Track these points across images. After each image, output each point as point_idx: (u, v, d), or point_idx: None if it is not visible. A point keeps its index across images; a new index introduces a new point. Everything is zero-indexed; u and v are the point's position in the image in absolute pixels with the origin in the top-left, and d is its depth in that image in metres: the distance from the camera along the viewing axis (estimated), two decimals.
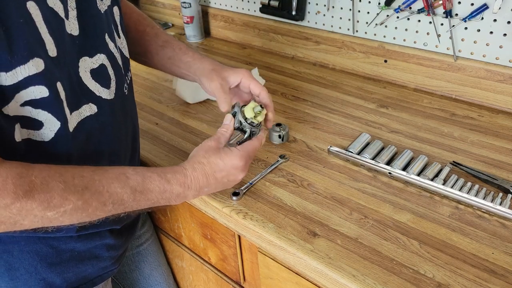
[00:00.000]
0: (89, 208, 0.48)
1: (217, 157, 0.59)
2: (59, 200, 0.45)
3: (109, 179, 0.50)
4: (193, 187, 0.57)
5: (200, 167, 0.58)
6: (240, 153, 0.60)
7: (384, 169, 0.68)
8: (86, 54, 0.53)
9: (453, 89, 0.92)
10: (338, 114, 0.88)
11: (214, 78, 0.68)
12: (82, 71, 0.53)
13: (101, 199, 0.49)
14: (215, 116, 0.90)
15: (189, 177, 0.57)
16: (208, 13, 1.35)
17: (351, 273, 0.52)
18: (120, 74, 0.61)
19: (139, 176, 0.53)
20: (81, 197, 0.47)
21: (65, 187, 0.46)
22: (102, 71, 0.56)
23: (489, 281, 0.51)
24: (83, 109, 0.53)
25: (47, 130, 0.49)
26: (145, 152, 0.78)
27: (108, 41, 0.58)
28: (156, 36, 0.76)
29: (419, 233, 0.58)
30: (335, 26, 1.07)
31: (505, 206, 0.59)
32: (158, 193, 0.54)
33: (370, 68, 1.03)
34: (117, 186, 0.51)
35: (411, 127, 0.82)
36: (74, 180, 0.47)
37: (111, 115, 0.58)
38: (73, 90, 0.51)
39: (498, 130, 0.80)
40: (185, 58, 0.74)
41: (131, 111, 0.67)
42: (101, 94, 0.56)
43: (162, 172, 0.56)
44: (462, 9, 0.85)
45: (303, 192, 0.66)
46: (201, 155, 0.59)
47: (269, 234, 0.59)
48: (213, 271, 0.85)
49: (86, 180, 0.48)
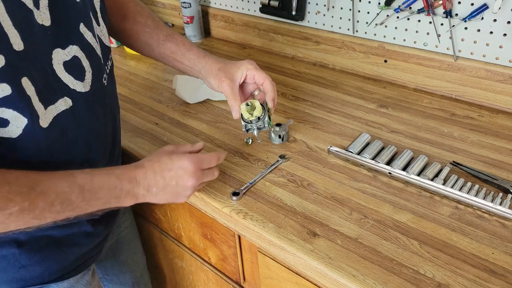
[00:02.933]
0: (36, 209, 0.47)
1: (167, 157, 0.60)
2: (4, 202, 0.44)
3: (55, 179, 0.49)
4: (141, 184, 0.57)
5: (149, 164, 0.58)
6: (191, 157, 0.60)
7: (384, 169, 0.68)
8: (59, 45, 0.52)
9: (453, 89, 0.92)
10: (338, 114, 0.88)
11: (223, 78, 0.69)
12: (56, 64, 0.51)
13: (47, 199, 0.48)
14: (215, 116, 0.90)
15: (138, 173, 0.57)
16: (208, 13, 1.35)
17: (351, 273, 0.52)
18: (98, 64, 0.59)
19: (87, 175, 0.52)
20: (27, 197, 0.46)
21: (10, 189, 0.45)
22: (75, 63, 0.54)
23: (489, 281, 0.51)
24: (59, 103, 0.52)
25: (14, 127, 0.47)
26: (145, 152, 0.78)
27: (83, 31, 0.56)
28: (157, 29, 0.76)
29: (419, 233, 0.58)
30: (335, 26, 1.07)
31: (505, 206, 0.59)
32: (108, 190, 0.53)
33: (370, 68, 1.03)
34: (64, 185, 0.49)
35: (411, 127, 0.82)
36: (18, 180, 0.46)
37: (87, 108, 0.57)
38: (47, 84, 0.50)
39: (498, 130, 0.80)
40: (189, 55, 0.74)
41: (111, 103, 0.65)
42: (75, 87, 0.54)
43: (111, 169, 0.56)
44: (462, 9, 0.85)
45: (303, 192, 0.66)
46: (153, 155, 0.61)
47: (269, 234, 0.59)
48: (213, 271, 0.85)
49: (31, 180, 0.47)
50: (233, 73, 0.70)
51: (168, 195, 0.60)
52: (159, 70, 1.14)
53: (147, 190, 0.57)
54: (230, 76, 0.70)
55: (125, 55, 1.25)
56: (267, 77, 0.70)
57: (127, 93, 1.02)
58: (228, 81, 0.69)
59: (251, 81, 0.72)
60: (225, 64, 0.72)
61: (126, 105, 0.96)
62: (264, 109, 0.70)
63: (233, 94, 0.69)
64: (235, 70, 0.70)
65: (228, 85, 0.69)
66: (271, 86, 0.70)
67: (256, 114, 0.69)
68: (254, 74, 0.71)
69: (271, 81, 0.71)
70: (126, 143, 0.81)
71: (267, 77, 0.70)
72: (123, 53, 1.26)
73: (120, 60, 1.22)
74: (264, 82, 0.70)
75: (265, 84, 0.70)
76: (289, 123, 0.77)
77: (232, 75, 0.70)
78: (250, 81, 0.72)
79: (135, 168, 0.57)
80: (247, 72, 0.71)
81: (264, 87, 0.71)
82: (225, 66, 0.71)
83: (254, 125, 0.70)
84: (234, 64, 0.71)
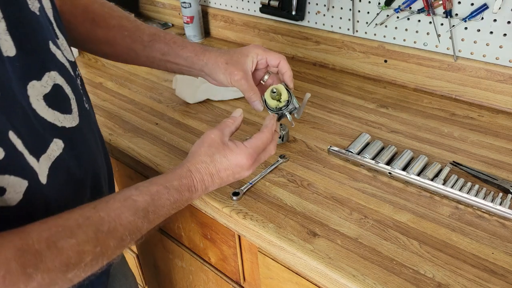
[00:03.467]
0: (108, 250, 0.42)
1: (221, 154, 0.54)
2: (77, 256, 0.39)
3: (116, 210, 0.44)
4: (199, 189, 0.53)
5: (204, 166, 0.53)
6: (247, 151, 0.55)
7: (384, 169, 0.68)
8: (33, 77, 0.41)
9: (453, 89, 0.92)
10: (338, 114, 0.88)
11: (235, 72, 0.62)
12: (34, 101, 0.41)
13: (117, 235, 0.43)
14: (215, 116, 0.90)
15: (194, 180, 0.52)
16: (208, 13, 1.35)
17: (351, 273, 0.52)
18: (75, 86, 0.50)
19: (146, 196, 0.47)
20: (97, 242, 0.41)
21: (77, 240, 0.39)
22: (57, 93, 0.45)
23: (489, 281, 0.51)
24: (51, 149, 0.43)
25: (11, 194, 0.39)
26: (145, 152, 0.78)
27: (54, 50, 0.46)
28: (138, 30, 0.66)
29: (419, 233, 0.58)
30: (335, 26, 1.07)
31: (505, 206, 0.59)
32: (170, 206, 0.49)
33: (370, 68, 1.03)
34: (128, 215, 0.44)
35: (411, 127, 0.82)
36: (81, 228, 0.40)
37: (82, 144, 0.49)
38: (32, 131, 0.40)
39: (498, 130, 0.80)
40: (184, 53, 0.65)
41: (94, 125, 0.56)
42: (64, 124, 0.45)
43: (167, 181, 0.50)
44: (462, 9, 0.85)
45: (303, 192, 0.66)
46: (203, 152, 0.54)
47: (269, 234, 0.59)
48: (213, 271, 0.85)
49: (93, 222, 0.41)
50: (242, 63, 0.63)
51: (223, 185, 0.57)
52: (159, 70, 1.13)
53: (203, 191, 0.54)
54: (241, 68, 0.63)
55: None
56: (280, 56, 0.64)
57: (127, 93, 1.02)
58: (241, 73, 0.62)
59: (263, 66, 0.66)
60: (231, 55, 0.64)
61: (126, 105, 0.96)
62: (288, 91, 0.65)
63: (250, 87, 0.63)
64: (244, 59, 0.64)
65: (242, 78, 0.62)
66: (287, 65, 0.64)
67: (285, 98, 0.63)
68: (266, 57, 0.64)
69: (285, 58, 0.65)
70: (126, 143, 0.81)
71: (281, 56, 0.64)
72: None
73: None
74: (279, 62, 0.64)
75: (282, 64, 0.64)
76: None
77: (242, 65, 0.63)
78: (262, 66, 0.66)
79: (191, 175, 0.52)
80: (258, 58, 0.64)
81: (280, 68, 0.64)
82: (231, 58, 0.64)
83: (285, 110, 0.65)
84: (240, 53, 0.64)
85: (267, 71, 0.68)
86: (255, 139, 0.56)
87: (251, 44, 0.66)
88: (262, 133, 0.57)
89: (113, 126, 0.87)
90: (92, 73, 1.13)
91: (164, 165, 0.74)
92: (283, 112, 0.65)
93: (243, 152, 0.55)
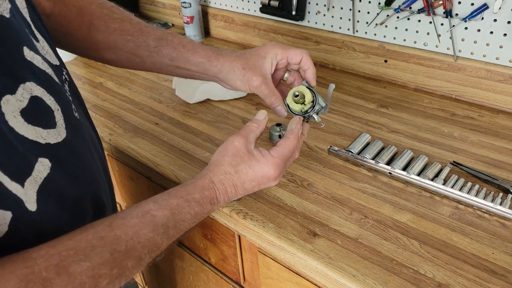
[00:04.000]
0: (126, 271, 0.39)
1: (246, 165, 0.50)
2: (91, 281, 0.35)
3: (133, 227, 0.40)
4: (221, 201, 0.50)
5: (228, 178, 0.50)
6: (274, 161, 0.51)
7: (384, 169, 0.68)
8: (6, 91, 0.35)
9: (453, 89, 0.92)
10: (338, 114, 0.88)
11: (253, 78, 0.58)
12: (11, 118, 0.35)
13: (135, 254, 0.39)
14: (215, 116, 0.90)
15: (217, 191, 0.49)
16: (208, 13, 1.35)
17: (351, 273, 0.52)
18: (61, 94, 0.43)
19: (166, 210, 0.44)
20: (113, 264, 0.37)
21: (91, 263, 0.36)
22: (37, 106, 0.39)
23: (489, 281, 0.51)
24: (36, 171, 0.37)
25: None
26: (145, 152, 0.78)
27: (31, 56, 0.40)
28: (142, 34, 0.60)
29: (419, 233, 0.58)
30: (335, 26, 1.07)
31: (505, 206, 0.59)
32: (190, 220, 0.47)
33: (370, 68, 1.03)
34: (147, 231, 0.41)
35: (411, 127, 0.82)
36: (95, 249, 0.36)
37: (73, 158, 0.43)
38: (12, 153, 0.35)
39: (498, 130, 0.80)
40: (195, 59, 0.60)
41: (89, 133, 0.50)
42: (48, 140, 0.39)
43: (188, 194, 0.47)
44: (462, 9, 0.85)
45: (303, 192, 0.66)
46: (227, 162, 0.50)
47: (269, 234, 0.59)
48: (213, 271, 0.85)
49: (109, 242, 0.38)
50: (261, 66, 0.59)
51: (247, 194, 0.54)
52: None
53: (226, 202, 0.51)
54: (260, 72, 0.58)
55: None
56: (302, 52, 0.59)
57: (127, 93, 1.02)
58: (261, 78, 0.58)
59: (283, 66, 0.61)
60: (247, 58, 0.59)
61: (126, 105, 0.96)
62: (311, 90, 0.60)
63: (270, 92, 0.59)
64: (262, 62, 0.59)
65: (262, 84, 0.58)
66: (310, 61, 0.59)
67: (309, 99, 0.59)
68: (287, 56, 0.59)
69: (307, 53, 0.60)
70: (126, 143, 0.81)
71: (303, 52, 0.59)
72: None
73: None
74: (302, 59, 0.59)
75: (304, 61, 0.59)
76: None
77: (261, 69, 0.59)
78: (282, 66, 0.61)
79: (214, 187, 0.49)
80: (278, 59, 0.60)
81: (302, 65, 0.59)
82: (248, 62, 0.59)
83: (311, 112, 0.60)
84: (257, 55, 0.59)
85: (287, 68, 0.63)
86: (282, 147, 0.53)
87: (269, 44, 0.61)
88: (288, 139, 0.54)
89: (113, 126, 0.87)
90: (92, 73, 1.13)
91: (164, 165, 0.74)
92: (309, 114, 0.61)
93: (270, 163, 0.51)
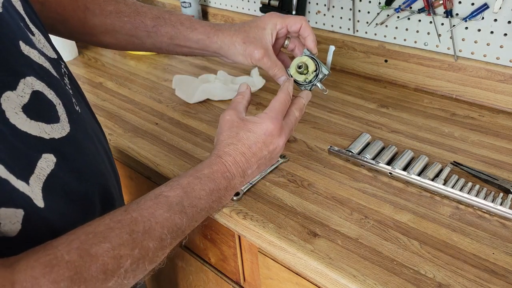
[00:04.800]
0: (149, 252, 0.39)
1: (244, 130, 0.51)
2: (113, 262, 0.36)
3: (148, 208, 0.41)
4: (236, 173, 0.50)
5: (233, 148, 0.50)
6: (269, 116, 0.51)
7: (385, 169, 0.68)
8: (6, 87, 0.35)
9: (454, 89, 0.92)
10: (338, 114, 0.88)
11: (254, 51, 0.58)
12: (12, 115, 0.35)
13: (155, 234, 0.40)
14: (215, 116, 0.90)
15: (226, 164, 0.49)
16: (208, 12, 1.35)
17: (352, 273, 0.52)
18: (61, 87, 0.43)
19: (177, 190, 0.44)
20: (134, 245, 0.38)
21: (111, 245, 0.36)
22: (39, 101, 0.38)
23: (490, 281, 0.50)
24: (40, 167, 0.37)
25: (8, 225, 0.34)
26: (145, 152, 0.78)
27: (27, 51, 0.39)
28: (138, 14, 0.60)
29: (419, 233, 0.58)
30: (335, 26, 1.06)
31: (505, 206, 0.59)
32: (207, 197, 0.46)
33: (371, 68, 1.03)
34: (162, 211, 0.41)
35: (412, 127, 0.82)
36: (114, 231, 0.37)
37: (78, 153, 0.43)
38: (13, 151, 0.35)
39: (499, 130, 0.80)
40: (195, 36, 0.60)
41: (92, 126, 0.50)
42: (52, 135, 0.39)
43: (197, 171, 0.47)
44: (463, 8, 0.85)
45: (304, 192, 0.66)
46: (226, 136, 0.51)
47: (269, 234, 0.59)
48: (213, 271, 0.85)
49: (126, 222, 0.38)
50: (261, 38, 0.59)
51: (263, 166, 0.54)
52: (159, 70, 1.14)
53: (242, 176, 0.51)
54: (261, 44, 0.58)
55: (125, 54, 1.25)
56: (301, 19, 0.59)
57: (127, 93, 1.02)
58: (262, 51, 0.58)
59: (283, 35, 0.62)
60: (247, 31, 0.59)
61: (126, 105, 0.96)
62: (313, 59, 0.61)
63: (273, 64, 0.59)
64: (262, 33, 0.59)
65: (264, 56, 0.58)
66: (309, 28, 0.59)
67: (312, 69, 0.60)
68: (287, 25, 0.59)
69: (306, 20, 0.60)
70: (126, 143, 0.81)
71: (302, 19, 0.59)
72: (123, 53, 1.26)
73: (120, 60, 1.22)
74: (301, 26, 0.59)
75: (303, 28, 0.59)
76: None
77: (262, 41, 0.59)
78: (282, 35, 0.62)
79: (221, 160, 0.49)
80: (277, 28, 0.60)
81: (302, 32, 0.59)
82: (248, 35, 0.59)
83: (315, 81, 0.61)
84: (256, 27, 0.60)
85: (287, 36, 0.63)
86: (272, 102, 0.54)
87: (267, 14, 0.61)
88: (277, 96, 0.54)
89: (113, 126, 0.87)
90: (92, 73, 1.13)
91: (164, 165, 0.74)
92: (313, 83, 0.62)
93: (265, 119, 0.52)
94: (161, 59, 1.21)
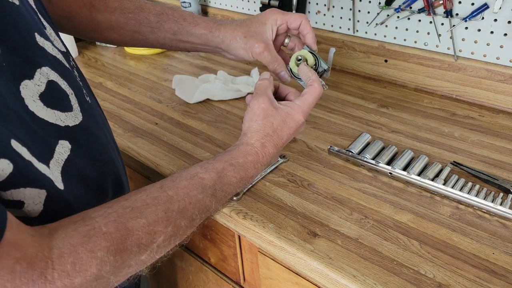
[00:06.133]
0: (180, 230, 0.42)
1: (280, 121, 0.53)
2: (148, 237, 0.38)
3: (184, 188, 0.43)
4: (264, 162, 0.52)
5: (269, 139, 0.52)
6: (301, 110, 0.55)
7: (385, 169, 0.68)
8: (24, 76, 0.36)
9: (454, 89, 0.92)
10: (338, 114, 0.88)
11: (255, 45, 0.59)
12: (31, 102, 0.36)
13: (187, 214, 0.42)
14: (215, 116, 0.90)
15: (260, 155, 0.52)
16: (208, 12, 1.35)
17: (352, 273, 0.52)
18: (73, 78, 0.45)
19: (213, 173, 0.46)
20: (168, 222, 0.40)
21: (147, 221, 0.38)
22: (54, 90, 0.40)
23: (490, 281, 0.50)
24: (57, 153, 0.39)
25: (31, 206, 0.35)
26: (145, 152, 0.78)
27: (42, 42, 0.41)
28: (142, 10, 0.62)
29: (419, 233, 0.58)
30: (335, 26, 1.06)
31: (505, 206, 0.59)
32: (236, 184, 0.49)
33: (371, 68, 1.03)
34: (196, 193, 0.43)
35: (412, 127, 0.82)
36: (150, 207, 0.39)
37: (90, 140, 0.45)
38: (34, 136, 0.36)
39: (499, 130, 0.80)
40: (197, 31, 0.62)
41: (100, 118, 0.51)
42: (67, 123, 0.41)
43: (233, 158, 0.49)
44: (463, 8, 0.85)
45: (303, 192, 0.66)
46: (262, 126, 0.53)
47: (269, 234, 0.59)
48: (213, 271, 0.85)
49: (162, 200, 0.40)
50: (262, 33, 0.60)
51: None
52: (159, 70, 1.14)
53: (267, 163, 0.54)
54: (261, 39, 0.60)
55: (125, 54, 1.25)
56: (301, 16, 0.60)
57: (127, 93, 1.02)
58: (263, 45, 0.59)
59: (283, 31, 0.63)
60: (248, 26, 0.61)
61: (126, 105, 0.96)
62: (313, 54, 0.61)
63: (274, 58, 0.60)
64: (263, 28, 0.60)
65: (265, 50, 0.59)
66: (309, 25, 0.61)
67: (311, 63, 0.61)
68: (287, 21, 0.61)
69: (306, 17, 0.61)
70: (126, 143, 0.81)
71: (302, 17, 0.60)
72: (123, 53, 1.26)
73: (120, 60, 1.22)
74: (301, 23, 0.60)
75: (303, 25, 0.60)
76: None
77: (262, 36, 0.60)
78: (282, 31, 0.62)
79: (257, 152, 0.51)
80: (277, 24, 0.61)
81: (302, 30, 0.61)
82: (249, 29, 0.60)
83: None
84: (257, 22, 0.61)
85: (287, 34, 0.64)
86: (307, 94, 0.56)
87: (268, 10, 0.62)
88: (312, 87, 0.56)
89: (113, 126, 0.87)
90: (92, 73, 1.13)
91: (164, 165, 0.74)
92: None
93: (299, 112, 0.54)
94: (161, 59, 1.21)
